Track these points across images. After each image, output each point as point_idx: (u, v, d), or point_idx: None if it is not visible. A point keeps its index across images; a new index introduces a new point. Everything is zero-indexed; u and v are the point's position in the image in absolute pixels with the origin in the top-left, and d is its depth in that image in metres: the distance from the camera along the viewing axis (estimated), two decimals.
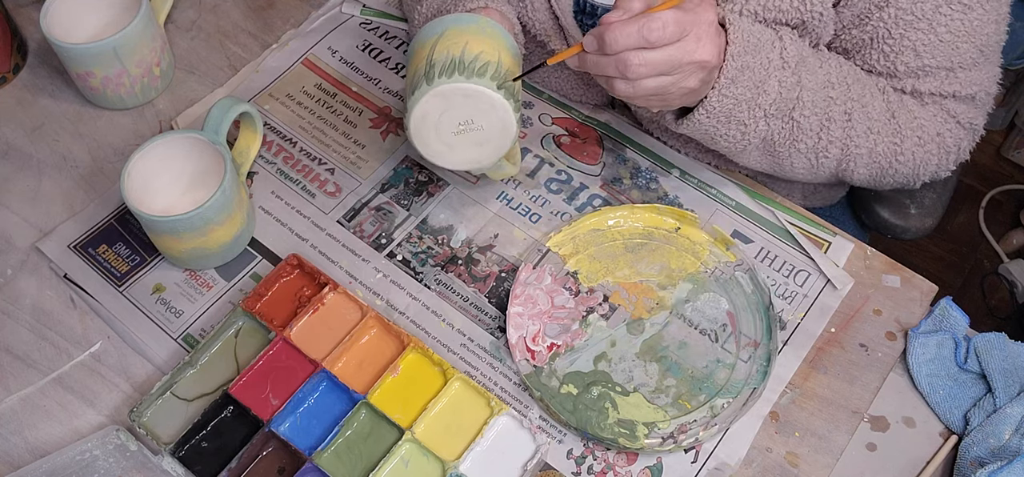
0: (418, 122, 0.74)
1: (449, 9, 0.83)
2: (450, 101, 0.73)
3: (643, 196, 0.89)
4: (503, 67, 0.74)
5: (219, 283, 0.84)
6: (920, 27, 0.76)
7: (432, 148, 0.76)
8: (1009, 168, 1.92)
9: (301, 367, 0.76)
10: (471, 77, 0.72)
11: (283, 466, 0.73)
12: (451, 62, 0.73)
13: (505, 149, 0.76)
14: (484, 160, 0.77)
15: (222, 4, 1.06)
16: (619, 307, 0.81)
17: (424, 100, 0.73)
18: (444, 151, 0.76)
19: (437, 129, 0.75)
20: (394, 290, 0.83)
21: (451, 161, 0.77)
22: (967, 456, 0.74)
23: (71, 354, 0.80)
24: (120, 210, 0.88)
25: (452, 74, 0.72)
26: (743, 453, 0.74)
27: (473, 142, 0.76)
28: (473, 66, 0.72)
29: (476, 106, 0.73)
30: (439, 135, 0.75)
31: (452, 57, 0.73)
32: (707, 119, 0.76)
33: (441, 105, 0.73)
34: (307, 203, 0.89)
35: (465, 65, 0.72)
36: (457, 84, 0.72)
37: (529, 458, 0.72)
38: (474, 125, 0.74)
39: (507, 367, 0.79)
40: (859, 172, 0.83)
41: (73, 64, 0.92)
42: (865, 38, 0.78)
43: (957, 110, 0.83)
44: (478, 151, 0.76)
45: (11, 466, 0.74)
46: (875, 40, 0.78)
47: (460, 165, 0.77)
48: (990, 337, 0.78)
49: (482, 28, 0.75)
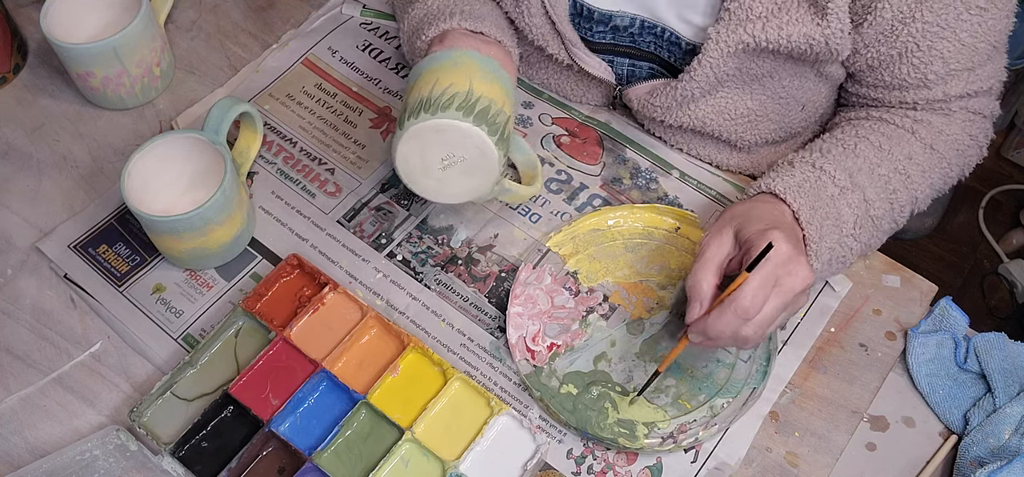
0: (403, 165, 0.76)
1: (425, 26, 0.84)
2: (424, 139, 0.74)
3: (643, 196, 0.89)
4: (474, 94, 0.75)
5: (219, 283, 0.84)
6: (945, 36, 0.77)
7: (426, 187, 0.78)
8: (1009, 168, 1.92)
9: (301, 367, 0.76)
10: (436, 112, 0.73)
11: (283, 466, 0.73)
12: (420, 102, 0.75)
13: (495, 172, 0.77)
14: (482, 188, 0.78)
15: (222, 4, 1.06)
16: (619, 307, 0.81)
17: (400, 145, 0.75)
18: (438, 187, 0.78)
19: (425, 169, 0.76)
20: (394, 290, 0.83)
21: (448, 196, 0.78)
22: (967, 456, 0.74)
23: (71, 354, 0.80)
24: (120, 210, 0.88)
25: (419, 113, 0.74)
26: (743, 453, 0.74)
27: (461, 173, 0.77)
28: (439, 101, 0.74)
29: (450, 138, 0.75)
30: (428, 173, 0.77)
31: (420, 97, 0.75)
32: (815, 279, 0.77)
33: (417, 146, 0.75)
34: (307, 203, 0.89)
35: (432, 102, 0.74)
36: (424, 123, 0.73)
37: (529, 458, 0.72)
38: (456, 157, 0.76)
39: (507, 367, 0.79)
40: (925, 203, 0.85)
41: (73, 64, 0.92)
42: (893, 54, 0.79)
43: (980, 106, 0.84)
44: (470, 181, 0.77)
45: (11, 466, 0.74)
46: (904, 54, 0.78)
47: (459, 197, 0.78)
48: (990, 337, 0.78)
49: (454, 60, 0.77)
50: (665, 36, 0.84)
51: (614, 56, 0.89)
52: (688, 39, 0.83)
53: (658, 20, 0.83)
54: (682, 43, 0.83)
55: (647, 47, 0.86)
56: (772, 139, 0.90)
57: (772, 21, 0.76)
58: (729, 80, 0.82)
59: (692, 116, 0.85)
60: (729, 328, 0.68)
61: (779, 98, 0.85)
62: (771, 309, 0.69)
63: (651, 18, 0.84)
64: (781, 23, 0.76)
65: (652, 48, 0.86)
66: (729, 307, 0.68)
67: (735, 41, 0.77)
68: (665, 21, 0.83)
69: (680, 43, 0.83)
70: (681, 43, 0.83)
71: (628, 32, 0.86)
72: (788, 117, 0.88)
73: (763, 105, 0.85)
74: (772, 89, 0.84)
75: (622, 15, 0.84)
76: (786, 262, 0.69)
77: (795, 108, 0.87)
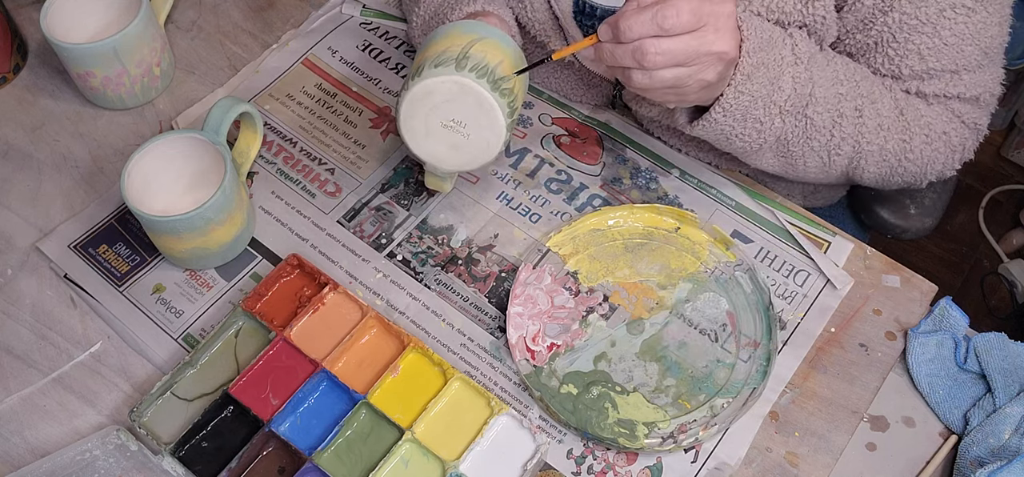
0: (420, 95, 0.75)
1: (447, 11, 0.84)
2: (463, 95, 0.74)
3: (643, 196, 0.89)
4: (518, 102, 0.77)
5: (219, 283, 0.84)
6: (924, 31, 0.76)
7: (412, 125, 0.77)
8: (1009, 168, 1.92)
9: (301, 367, 0.76)
10: (493, 92, 0.74)
11: (283, 466, 0.73)
12: (484, 67, 0.74)
13: (472, 166, 0.79)
14: (447, 163, 0.79)
15: (222, 4, 1.06)
16: (619, 307, 0.81)
17: (445, 79, 0.74)
18: (420, 134, 0.77)
19: (428, 114, 0.76)
20: (394, 290, 0.83)
21: (422, 148, 0.78)
22: (967, 456, 0.74)
23: (71, 354, 0.80)
24: (120, 210, 0.88)
25: (481, 78, 0.74)
26: (743, 453, 0.74)
27: (449, 143, 0.77)
28: (500, 85, 0.74)
29: (478, 116, 0.75)
30: (427, 120, 0.76)
31: (487, 64, 0.74)
32: (723, 118, 0.75)
33: (452, 93, 0.74)
34: (307, 203, 0.89)
35: (495, 80, 0.74)
36: (483, 89, 0.74)
37: (529, 458, 0.72)
38: (462, 130, 0.76)
39: (507, 367, 0.79)
40: (869, 170, 0.83)
41: (73, 64, 0.92)
42: (869, 42, 0.78)
43: (962, 111, 0.83)
44: (449, 153, 0.78)
45: (11, 466, 0.74)
46: (879, 44, 0.78)
47: (425, 155, 0.79)
48: (990, 337, 0.78)
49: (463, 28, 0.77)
50: None
51: None
52: None
53: None
54: None
55: None
56: None
57: (767, 3, 0.77)
58: None
59: None
60: (639, 30, 0.67)
61: None
62: (681, 46, 0.67)
63: None
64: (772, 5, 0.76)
65: None
66: (649, 9, 0.66)
67: None
68: None
69: None
70: None
71: None
72: None
73: None
74: None
75: None
76: (720, 17, 0.68)
77: None
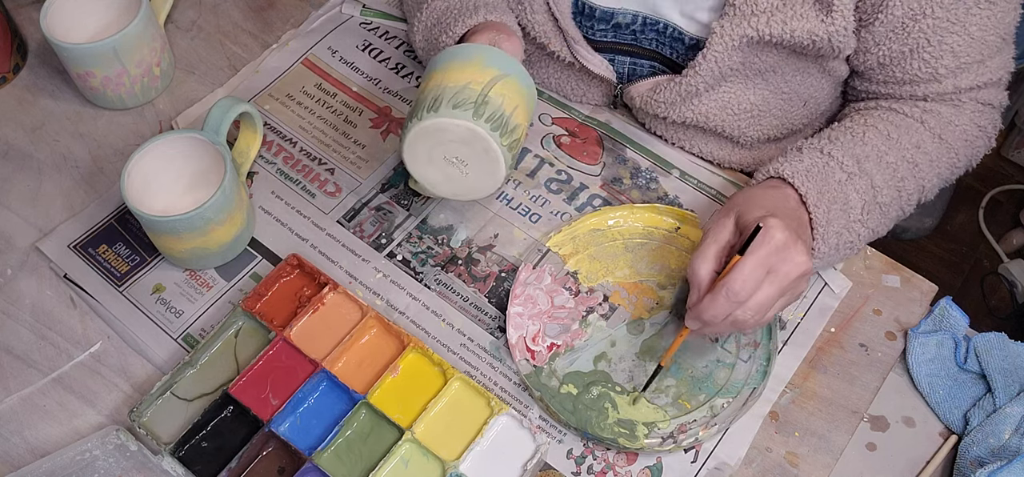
0: (432, 129, 0.74)
1: (451, 21, 0.83)
2: (474, 141, 0.74)
3: (643, 196, 0.89)
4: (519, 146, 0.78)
5: (219, 283, 0.84)
6: (955, 30, 0.77)
7: (415, 150, 0.76)
8: (1009, 168, 1.92)
9: (301, 367, 0.76)
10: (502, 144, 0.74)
11: (283, 466, 0.73)
12: (500, 117, 0.74)
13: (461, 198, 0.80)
14: (438, 189, 0.79)
15: (222, 4, 1.06)
16: (619, 307, 0.81)
17: (461, 123, 0.73)
18: (422, 160, 0.77)
19: (434, 146, 0.75)
20: (394, 290, 0.83)
21: (419, 172, 0.78)
22: (967, 456, 0.74)
23: (71, 354, 0.80)
24: (120, 210, 0.88)
25: (495, 130, 0.74)
26: (743, 453, 0.74)
27: (447, 174, 0.78)
28: (510, 136, 0.75)
29: (482, 163, 0.76)
30: (431, 151, 0.76)
31: (503, 114, 0.74)
32: (822, 262, 0.77)
33: (464, 137, 0.74)
34: (307, 203, 0.89)
35: (507, 131, 0.74)
36: (494, 142, 0.73)
37: (529, 458, 0.72)
38: (462, 168, 0.76)
39: (507, 367, 0.79)
40: (931, 194, 0.85)
41: (73, 64, 0.92)
42: (905, 50, 0.79)
43: (989, 96, 0.84)
44: (444, 182, 0.78)
45: (11, 466, 0.74)
46: (916, 50, 0.79)
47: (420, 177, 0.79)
48: (990, 337, 0.78)
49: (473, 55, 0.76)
50: (668, 32, 0.84)
51: (615, 54, 0.89)
52: (691, 34, 0.83)
53: (660, 17, 0.84)
54: (685, 39, 0.84)
55: (649, 44, 0.87)
56: (774, 135, 0.90)
57: (777, 15, 0.76)
58: (733, 74, 0.82)
59: (695, 111, 0.86)
60: (722, 312, 0.69)
61: (782, 93, 0.85)
62: (766, 294, 0.69)
63: (653, 15, 0.84)
64: (786, 18, 0.76)
65: (654, 45, 0.86)
66: (721, 291, 0.68)
67: (740, 35, 0.77)
68: (667, 17, 0.83)
69: (683, 39, 0.84)
70: (684, 39, 0.84)
71: (630, 29, 0.86)
72: (790, 113, 0.88)
73: (766, 100, 0.86)
74: (775, 84, 0.84)
75: (624, 12, 0.85)
76: (781, 248, 0.69)
77: (797, 104, 0.87)
